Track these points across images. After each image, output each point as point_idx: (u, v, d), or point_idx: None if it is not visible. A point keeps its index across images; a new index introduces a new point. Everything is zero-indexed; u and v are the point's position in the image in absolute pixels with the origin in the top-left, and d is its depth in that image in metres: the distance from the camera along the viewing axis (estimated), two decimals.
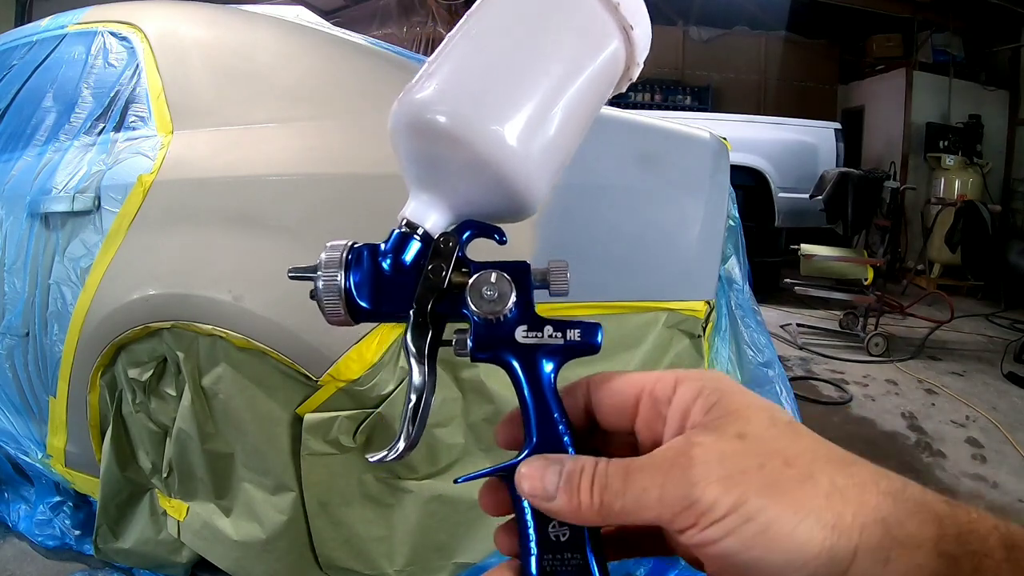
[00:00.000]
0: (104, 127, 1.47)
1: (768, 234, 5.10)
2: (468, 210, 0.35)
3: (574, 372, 0.34)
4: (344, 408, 1.11)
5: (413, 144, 0.34)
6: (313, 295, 0.34)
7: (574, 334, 0.32)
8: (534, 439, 0.31)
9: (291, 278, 0.35)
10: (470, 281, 0.33)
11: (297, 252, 1.14)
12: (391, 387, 1.09)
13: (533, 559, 0.30)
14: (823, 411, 2.92)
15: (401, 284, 0.34)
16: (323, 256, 0.34)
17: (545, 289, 0.34)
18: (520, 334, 0.32)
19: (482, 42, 0.35)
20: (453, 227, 0.35)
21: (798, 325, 4.29)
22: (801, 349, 3.90)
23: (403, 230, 0.34)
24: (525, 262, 0.33)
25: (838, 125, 5.38)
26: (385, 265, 0.34)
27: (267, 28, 1.42)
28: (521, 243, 1.04)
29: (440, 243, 0.34)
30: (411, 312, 0.33)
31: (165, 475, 1.34)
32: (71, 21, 1.72)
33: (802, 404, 2.85)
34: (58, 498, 1.67)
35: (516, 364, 0.32)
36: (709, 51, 7.56)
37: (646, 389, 0.31)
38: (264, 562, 1.23)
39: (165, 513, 1.39)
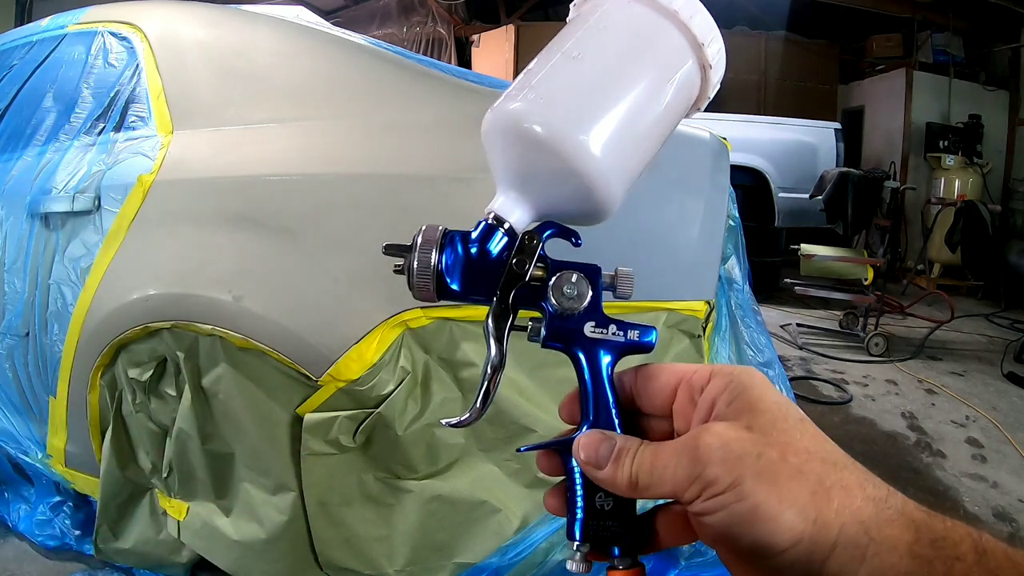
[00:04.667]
0: (104, 127, 1.47)
1: (768, 234, 5.10)
2: (550, 210, 0.38)
3: None
4: (344, 408, 1.10)
5: (507, 148, 0.37)
6: (400, 270, 0.37)
7: (633, 334, 0.37)
8: (590, 418, 0.36)
9: (385, 253, 0.38)
10: (552, 279, 0.37)
11: (297, 252, 1.14)
12: (391, 387, 1.09)
13: (579, 522, 0.35)
14: (823, 411, 2.92)
15: (486, 271, 0.37)
16: (419, 237, 0.37)
17: (611, 291, 0.38)
18: (588, 329, 0.36)
19: (579, 63, 0.37)
20: (535, 225, 0.38)
21: (798, 325, 4.29)
22: (801, 349, 3.90)
23: (490, 222, 0.37)
24: (597, 265, 0.37)
25: (838, 125, 5.38)
26: (473, 252, 0.37)
27: (267, 28, 1.42)
28: None
29: (525, 240, 0.37)
30: (494, 299, 0.37)
31: (165, 475, 1.34)
32: (71, 21, 1.72)
33: (802, 404, 2.85)
34: (58, 498, 1.67)
35: (581, 354, 0.36)
36: None
37: (684, 378, 0.35)
38: (264, 562, 1.23)
39: (165, 513, 1.38)
